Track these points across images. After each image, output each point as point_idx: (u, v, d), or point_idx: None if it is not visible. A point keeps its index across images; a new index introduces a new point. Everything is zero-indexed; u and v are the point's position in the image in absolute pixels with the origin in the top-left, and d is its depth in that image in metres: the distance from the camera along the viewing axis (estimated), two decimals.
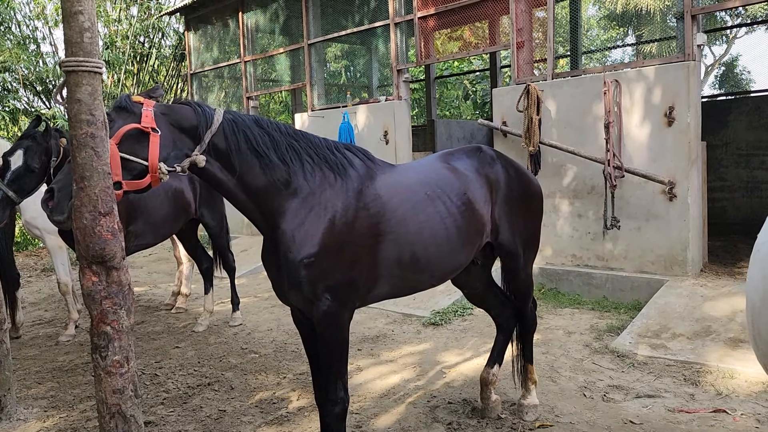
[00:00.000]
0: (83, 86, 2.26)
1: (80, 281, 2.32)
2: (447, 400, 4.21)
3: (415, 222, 3.04)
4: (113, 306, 2.30)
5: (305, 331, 3.15)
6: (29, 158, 4.42)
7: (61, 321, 7.06)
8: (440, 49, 16.00)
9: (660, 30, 25.77)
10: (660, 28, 25.80)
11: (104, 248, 2.27)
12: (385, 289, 3.10)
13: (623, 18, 26.44)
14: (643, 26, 26.12)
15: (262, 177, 2.82)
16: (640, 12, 23.83)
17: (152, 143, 2.58)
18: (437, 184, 3.21)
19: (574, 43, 8.66)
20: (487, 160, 3.48)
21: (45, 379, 5.11)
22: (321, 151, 2.95)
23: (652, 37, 25.01)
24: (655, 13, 24.54)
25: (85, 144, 2.26)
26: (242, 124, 2.83)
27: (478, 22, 14.54)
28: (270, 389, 4.61)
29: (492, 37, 11.55)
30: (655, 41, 21.73)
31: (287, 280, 2.85)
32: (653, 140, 5.89)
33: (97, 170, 2.28)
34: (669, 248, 5.89)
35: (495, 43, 11.81)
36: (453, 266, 3.28)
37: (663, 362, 4.60)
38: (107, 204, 2.30)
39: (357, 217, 2.90)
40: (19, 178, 4.41)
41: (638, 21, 25.64)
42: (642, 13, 23.83)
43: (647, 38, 25.31)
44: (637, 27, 26.82)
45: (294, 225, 2.81)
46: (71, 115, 2.26)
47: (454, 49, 16.43)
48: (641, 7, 23.75)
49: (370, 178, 3.01)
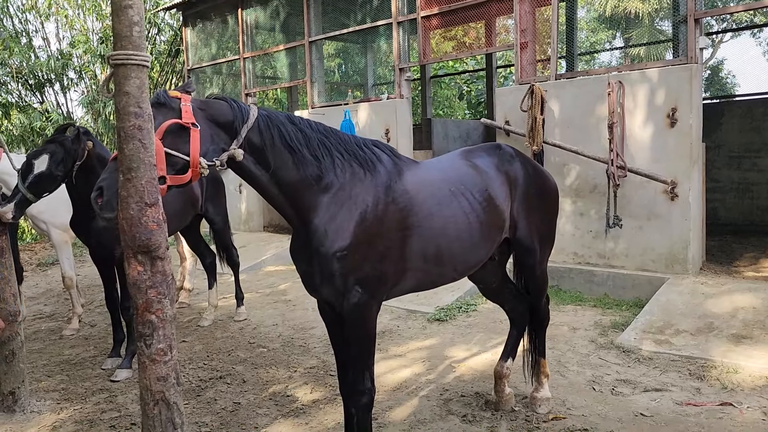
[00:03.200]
0: (132, 79, 2.30)
1: (126, 270, 2.36)
2: (459, 393, 4.29)
3: (440, 217, 3.10)
4: (158, 295, 2.34)
5: (332, 323, 3.20)
6: (53, 165, 4.40)
7: (62, 315, 7.05)
8: (435, 48, 16.10)
9: (648, 33, 26.09)
10: (648, 32, 26.13)
11: (150, 238, 2.31)
12: (411, 282, 3.16)
13: (612, 21, 26.71)
14: (631, 29, 26.41)
15: (294, 172, 2.86)
16: (629, 15, 24.09)
17: (193, 138, 2.62)
18: (460, 180, 3.28)
19: (570, 45, 8.77)
20: (506, 157, 3.55)
21: (54, 372, 5.12)
22: (350, 147, 3.00)
23: (640, 41, 25.32)
24: (644, 17, 24.83)
25: (132, 136, 2.30)
26: (276, 120, 2.88)
27: (473, 23, 14.68)
28: (282, 383, 4.66)
29: (489, 38, 11.67)
30: (659, 43, 21.89)
31: (319, 273, 2.90)
32: (655, 141, 6.01)
33: (143, 162, 2.32)
34: (670, 247, 6.02)
35: (491, 42, 11.94)
36: (475, 261, 3.35)
37: (668, 357, 4.71)
38: (153, 195, 2.35)
39: (386, 212, 2.96)
40: (40, 182, 4.39)
41: (627, 24, 25.92)
42: (631, 16, 24.09)
43: (636, 41, 25.62)
44: (626, 30, 27.13)
45: (326, 219, 2.86)
46: (119, 107, 2.30)
47: (448, 48, 16.55)
48: (630, 10, 24.01)
49: (398, 174, 3.07)
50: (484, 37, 12.35)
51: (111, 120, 13.43)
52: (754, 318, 4.97)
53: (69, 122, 4.87)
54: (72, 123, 4.90)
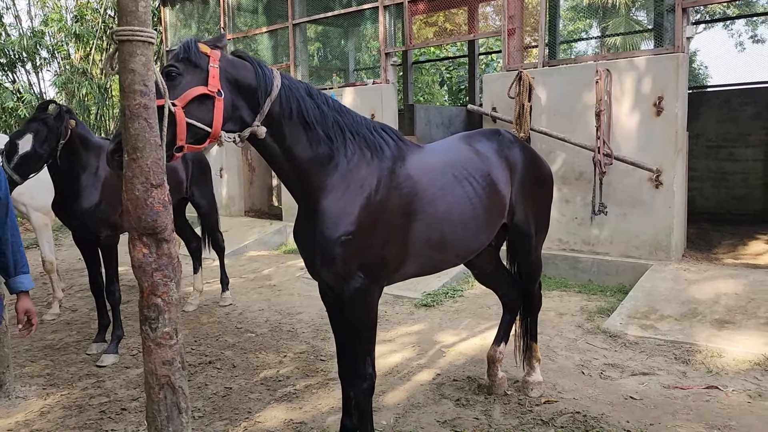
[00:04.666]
0: (137, 56, 2.23)
1: (130, 252, 2.31)
2: (452, 377, 4.31)
3: (444, 202, 3.10)
4: (163, 278, 2.30)
5: (332, 307, 3.18)
6: (38, 143, 4.29)
7: (41, 300, 6.91)
8: (417, 34, 16.03)
9: (625, 23, 26.33)
10: (625, 22, 26.37)
11: (156, 220, 2.26)
12: (413, 268, 3.15)
13: (589, 10, 26.86)
14: (608, 19, 26.61)
15: (308, 149, 2.80)
16: (606, 5, 24.25)
17: (217, 108, 2.53)
18: (463, 165, 3.27)
19: (553, 33, 8.79)
20: (506, 143, 3.56)
21: (37, 357, 5.02)
22: (361, 129, 2.95)
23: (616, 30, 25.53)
24: (620, 7, 25.02)
25: (138, 115, 2.23)
26: (297, 91, 2.79)
27: (455, 9, 14.63)
28: (273, 367, 4.63)
29: (471, 24, 11.66)
30: (642, 32, 22.03)
31: (321, 256, 2.87)
32: (642, 129, 6.08)
33: (149, 141, 2.26)
34: (654, 234, 6.11)
35: (475, 28, 11.93)
36: (476, 246, 3.35)
37: (654, 342, 4.80)
38: (158, 176, 2.29)
39: (390, 196, 2.93)
40: (26, 162, 4.29)
41: (604, 14, 26.10)
42: (608, 6, 24.26)
43: (612, 31, 25.82)
44: (603, 20, 27.32)
45: (332, 201, 2.83)
46: (124, 85, 2.23)
47: (429, 34, 16.50)
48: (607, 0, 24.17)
49: (402, 159, 3.04)
50: (467, 23, 12.34)
51: (86, 101, 13.13)
52: (736, 304, 5.08)
53: (50, 99, 4.71)
54: (53, 100, 4.76)
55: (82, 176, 4.69)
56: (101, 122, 13.68)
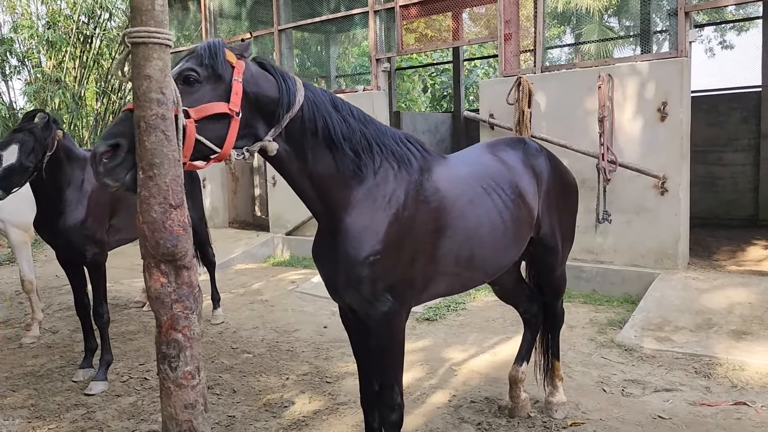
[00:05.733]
0: (153, 61, 1.98)
1: (146, 282, 2.05)
2: (468, 399, 4.09)
3: (473, 216, 2.88)
4: (184, 310, 2.04)
5: (354, 331, 2.94)
6: (24, 155, 3.95)
7: (17, 321, 6.53)
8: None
9: (599, 30, 26.57)
10: (598, 28, 26.61)
11: (176, 245, 2.01)
12: (440, 287, 2.93)
13: (563, 17, 27.06)
14: (582, 25, 26.83)
15: (331, 167, 2.56)
16: (579, 11, 24.42)
17: (231, 128, 2.27)
18: (490, 176, 3.07)
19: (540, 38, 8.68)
20: (532, 152, 3.36)
21: (19, 386, 4.67)
22: (387, 140, 2.72)
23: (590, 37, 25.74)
24: (594, 13, 25.24)
25: (155, 127, 1.98)
26: (322, 105, 2.53)
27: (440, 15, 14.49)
28: (276, 391, 4.36)
29: (456, 30, 11.51)
30: (657, 32, 22.07)
31: (346, 277, 2.63)
32: (645, 135, 5.95)
33: (167, 157, 2.01)
34: (659, 242, 5.98)
35: (459, 36, 11.79)
36: (506, 262, 3.15)
37: (671, 355, 4.64)
38: (178, 195, 2.04)
39: (418, 211, 2.71)
40: (10, 176, 3.95)
41: (577, 20, 26.32)
42: (581, 12, 24.43)
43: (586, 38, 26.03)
44: (576, 26, 27.56)
45: (358, 218, 2.59)
46: (139, 93, 1.98)
47: (410, 41, 16.33)
48: (581, 6, 24.35)
49: (429, 171, 2.83)
50: (452, 29, 12.19)
51: (61, 110, 12.67)
52: (751, 313, 4.95)
53: (37, 108, 4.41)
54: (41, 109, 4.44)
55: (67, 191, 4.38)
56: (75, 132, 13.22)
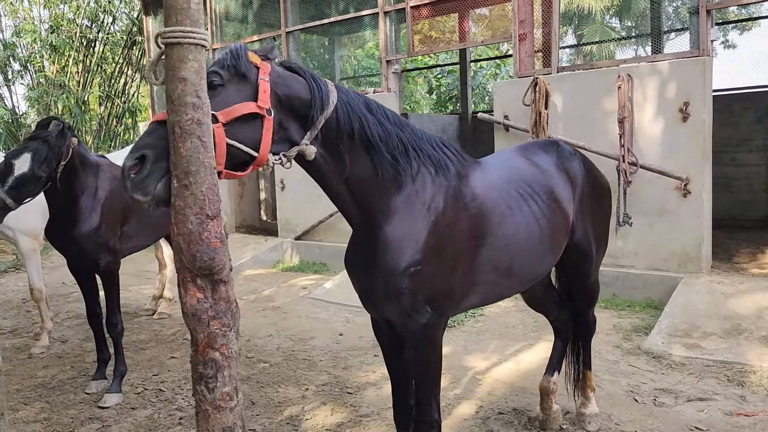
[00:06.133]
0: (189, 62, 1.86)
1: (181, 298, 1.92)
2: (496, 410, 3.96)
3: (512, 223, 2.76)
4: (222, 327, 1.92)
5: (389, 344, 2.82)
6: (37, 164, 3.81)
7: (26, 330, 6.41)
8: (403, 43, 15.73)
9: (600, 31, 26.47)
10: (600, 29, 26.51)
11: (213, 258, 1.89)
12: (477, 298, 2.81)
13: (565, 17, 26.94)
14: (584, 26, 26.71)
15: (370, 171, 2.44)
16: (582, 12, 24.30)
17: (266, 129, 2.15)
18: (525, 181, 2.95)
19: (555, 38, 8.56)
20: (565, 155, 3.24)
21: (31, 398, 4.54)
22: (424, 145, 2.60)
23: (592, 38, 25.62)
24: (596, 14, 25.13)
25: (190, 132, 1.86)
26: (357, 107, 2.42)
27: (444, 16, 14.39)
28: (296, 403, 4.24)
29: (463, 31, 11.40)
30: (674, 30, 21.96)
31: (384, 289, 2.51)
32: (666, 136, 5.83)
33: (203, 164, 1.89)
34: (682, 245, 5.86)
35: (466, 37, 11.68)
36: (542, 271, 3.03)
37: (701, 363, 4.51)
38: (214, 205, 1.92)
39: (458, 218, 2.60)
40: (22, 185, 3.81)
41: (579, 21, 26.20)
42: (583, 13, 24.31)
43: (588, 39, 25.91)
44: (578, 27, 27.44)
45: (398, 227, 2.47)
46: (173, 97, 1.86)
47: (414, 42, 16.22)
48: (583, 7, 24.23)
49: (466, 176, 2.71)
50: (459, 30, 12.08)
51: (65, 115, 12.55)
52: None
53: (52, 116, 4.28)
54: (56, 117, 4.32)
55: (81, 198, 4.26)
56: (79, 136, 13.08)
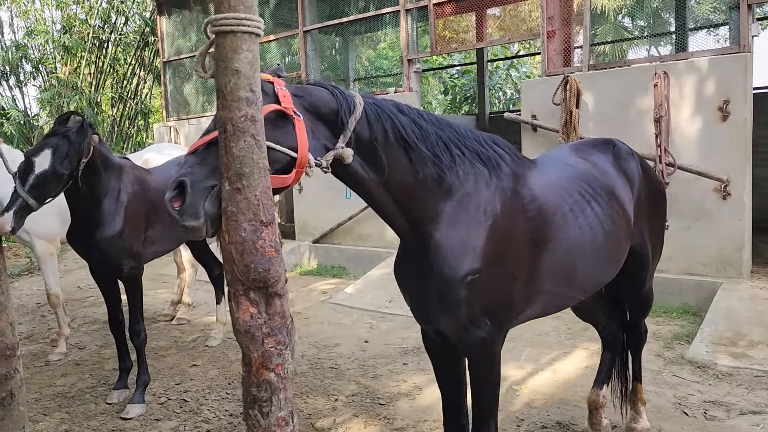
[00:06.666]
0: (242, 53, 1.68)
1: (233, 313, 1.74)
2: (539, 423, 3.77)
3: (574, 227, 2.57)
4: (277, 346, 1.74)
5: (441, 358, 2.65)
6: (58, 161, 3.63)
7: (42, 335, 6.25)
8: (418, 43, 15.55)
9: (613, 30, 26.22)
10: (613, 29, 26.25)
11: (268, 269, 1.70)
12: (537, 308, 2.62)
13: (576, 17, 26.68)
14: (597, 26, 26.47)
15: (410, 174, 2.28)
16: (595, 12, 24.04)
17: (299, 129, 2.00)
18: (585, 182, 2.76)
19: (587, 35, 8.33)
20: (623, 155, 3.05)
21: (50, 409, 4.38)
22: (470, 143, 2.43)
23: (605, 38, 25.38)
24: (609, 14, 24.89)
25: (243, 130, 1.68)
26: (386, 108, 2.29)
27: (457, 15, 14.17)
28: (327, 415, 4.05)
29: (480, 29, 11.19)
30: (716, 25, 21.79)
31: (440, 301, 2.33)
32: (705, 136, 5.63)
33: (258, 165, 1.71)
34: (720, 249, 5.64)
35: (483, 36, 11.47)
36: (605, 279, 2.84)
37: (750, 373, 4.30)
38: (269, 210, 1.74)
39: (516, 222, 2.41)
40: (43, 184, 3.63)
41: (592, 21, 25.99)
42: (596, 13, 24.06)
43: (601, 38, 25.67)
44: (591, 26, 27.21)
45: (452, 233, 2.30)
46: (225, 91, 1.68)
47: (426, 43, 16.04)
48: (595, 6, 24.00)
49: (522, 176, 2.52)
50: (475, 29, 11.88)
51: None
52: None
53: (71, 111, 4.11)
54: (75, 111, 4.15)
55: (104, 201, 4.09)
56: None
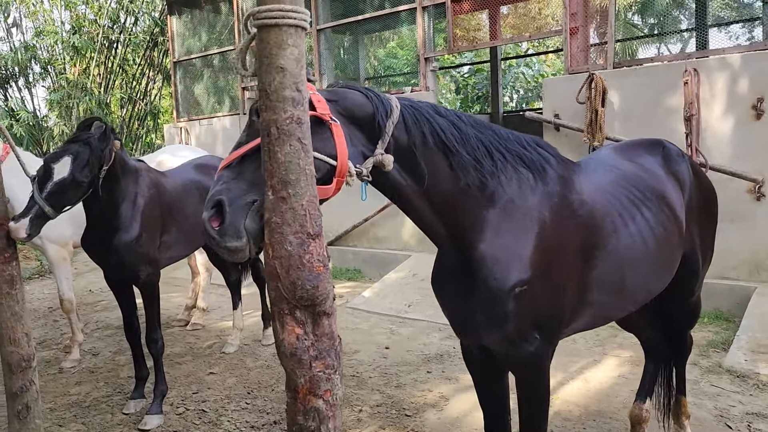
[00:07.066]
0: (288, 48, 1.52)
1: (277, 334, 1.59)
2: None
3: (626, 234, 2.41)
4: (326, 370, 1.58)
5: (483, 373, 2.50)
6: (77, 169, 3.48)
7: (54, 341, 6.13)
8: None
9: (623, 28, 25.98)
10: (623, 26, 26.02)
11: (317, 286, 1.55)
12: (585, 321, 2.46)
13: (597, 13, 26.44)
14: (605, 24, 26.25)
15: (451, 180, 2.12)
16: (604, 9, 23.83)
17: (337, 135, 1.84)
18: (634, 185, 2.59)
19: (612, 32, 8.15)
20: (673, 156, 2.87)
21: (66, 419, 4.24)
22: (512, 145, 2.27)
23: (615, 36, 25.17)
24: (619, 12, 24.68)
25: (289, 133, 1.52)
26: (423, 110, 2.12)
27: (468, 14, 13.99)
28: (352, 427, 3.90)
29: (493, 28, 11.01)
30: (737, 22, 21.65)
31: (484, 314, 2.16)
32: (738, 135, 5.44)
33: (304, 171, 1.55)
34: (753, 252, 5.46)
35: (497, 34, 11.29)
36: (657, 289, 2.67)
37: None
38: (316, 221, 1.58)
39: (566, 230, 2.25)
40: (61, 191, 3.48)
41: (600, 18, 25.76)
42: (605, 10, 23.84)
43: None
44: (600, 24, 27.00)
45: (497, 243, 2.13)
46: (269, 91, 1.52)
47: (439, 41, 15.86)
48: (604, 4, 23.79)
49: (569, 180, 2.36)
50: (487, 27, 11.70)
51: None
52: None
53: (93, 116, 3.98)
54: (97, 117, 4.01)
55: (121, 206, 3.95)
56: None
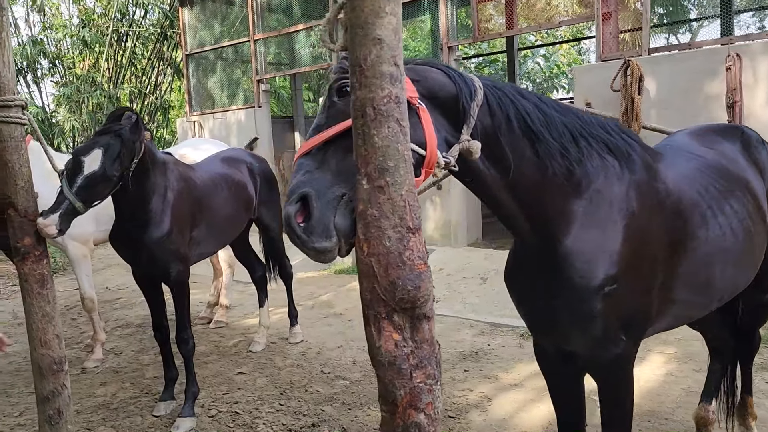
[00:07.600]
0: (386, 17, 1.33)
1: (372, 341, 1.41)
2: None
3: (715, 226, 2.23)
4: (427, 380, 1.40)
5: (558, 377, 2.32)
6: (109, 162, 3.31)
7: (75, 341, 5.98)
8: None
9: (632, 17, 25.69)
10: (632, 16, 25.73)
11: (419, 286, 1.37)
12: (668, 320, 2.28)
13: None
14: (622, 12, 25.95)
15: (537, 169, 1.93)
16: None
17: (425, 121, 1.66)
18: (718, 174, 2.40)
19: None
20: (753, 143, 2.68)
21: (94, 423, 4.08)
22: (596, 130, 2.08)
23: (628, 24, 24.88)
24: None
25: (387, 114, 1.34)
26: (507, 91, 1.94)
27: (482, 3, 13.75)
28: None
29: (509, 17, 10.79)
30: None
31: (569, 313, 1.99)
32: None
33: (403, 158, 1.37)
34: None
35: (513, 23, 11.07)
36: (743, 285, 2.49)
37: None
38: (416, 214, 1.40)
39: (654, 222, 2.07)
40: (93, 185, 3.32)
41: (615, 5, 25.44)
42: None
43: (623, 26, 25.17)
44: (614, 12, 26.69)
45: (584, 236, 1.95)
46: (365, 66, 1.33)
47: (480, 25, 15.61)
48: None
49: (655, 168, 2.18)
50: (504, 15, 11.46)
51: (97, 113, 12.15)
52: None
53: (124, 107, 3.80)
54: (128, 107, 3.83)
55: (152, 200, 3.78)
56: None
